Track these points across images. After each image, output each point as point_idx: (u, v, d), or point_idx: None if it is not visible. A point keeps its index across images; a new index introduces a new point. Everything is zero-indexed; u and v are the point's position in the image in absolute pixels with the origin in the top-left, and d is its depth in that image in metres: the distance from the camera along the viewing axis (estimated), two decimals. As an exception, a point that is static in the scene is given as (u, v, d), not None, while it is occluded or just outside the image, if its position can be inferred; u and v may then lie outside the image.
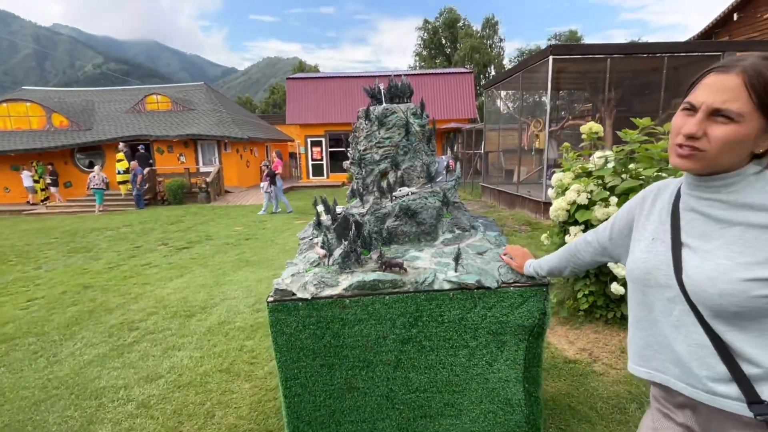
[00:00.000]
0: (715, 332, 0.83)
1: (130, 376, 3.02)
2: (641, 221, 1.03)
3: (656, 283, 0.92)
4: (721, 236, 0.84)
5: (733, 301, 0.79)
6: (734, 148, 0.81)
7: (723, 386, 0.83)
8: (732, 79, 0.79)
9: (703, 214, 0.88)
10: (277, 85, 60.69)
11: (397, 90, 2.17)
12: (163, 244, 7.77)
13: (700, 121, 0.82)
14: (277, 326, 1.53)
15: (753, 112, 0.78)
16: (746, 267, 0.79)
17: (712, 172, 0.86)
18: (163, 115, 18.12)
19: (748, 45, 7.73)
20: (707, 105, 0.81)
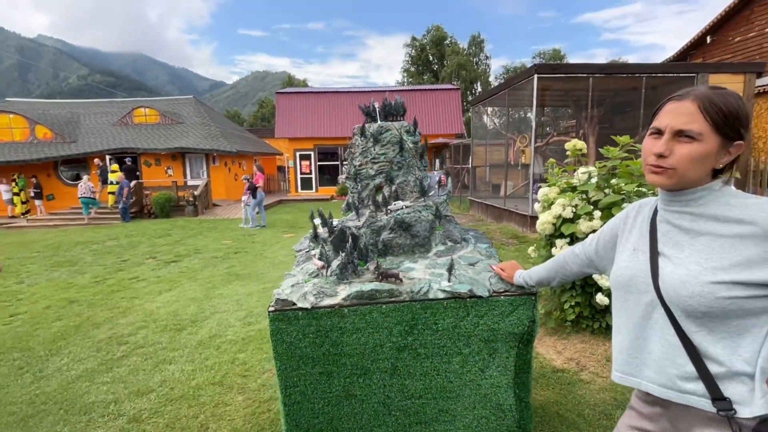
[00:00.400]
0: (686, 334, 0.92)
1: (120, 391, 2.99)
2: (625, 235, 1.13)
3: (636, 289, 1.01)
4: (691, 245, 0.94)
5: (702, 302, 0.88)
6: (698, 164, 0.91)
7: (691, 384, 0.91)
8: (688, 105, 0.92)
9: (676, 226, 0.99)
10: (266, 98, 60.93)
11: (391, 108, 2.27)
12: (150, 257, 7.69)
13: (667, 142, 0.93)
14: (277, 335, 1.58)
15: (709, 132, 0.90)
16: (713, 271, 0.88)
17: (682, 187, 0.96)
18: (151, 128, 18.04)
19: (719, 67, 8.13)
20: (671, 127, 0.93)
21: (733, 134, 0.91)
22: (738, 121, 0.90)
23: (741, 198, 0.93)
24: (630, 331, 1.03)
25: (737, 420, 0.87)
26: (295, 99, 21.15)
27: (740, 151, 0.93)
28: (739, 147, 0.93)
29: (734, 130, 0.90)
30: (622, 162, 3.12)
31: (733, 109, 0.90)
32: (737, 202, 0.92)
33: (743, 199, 0.93)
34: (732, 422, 0.87)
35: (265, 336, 3.81)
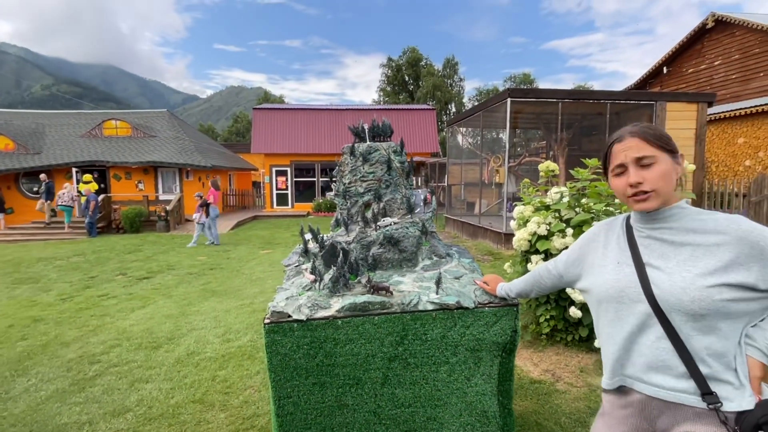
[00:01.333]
0: (680, 338, 1.02)
1: (94, 411, 2.90)
2: (600, 251, 1.24)
3: (629, 299, 1.10)
4: (677, 255, 1.07)
5: (702, 305, 0.99)
6: (667, 180, 1.07)
7: (683, 383, 1.02)
8: (631, 141, 1.09)
9: (659, 239, 1.11)
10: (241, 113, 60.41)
11: (379, 129, 2.39)
12: (121, 274, 7.44)
13: (635, 171, 1.08)
14: (272, 347, 1.62)
15: (660, 152, 1.07)
16: (703, 276, 1.01)
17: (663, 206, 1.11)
18: (122, 140, 17.58)
19: (675, 96, 8.76)
20: (632, 157, 1.08)
21: (673, 149, 1.10)
22: (669, 139, 1.10)
23: (709, 214, 1.08)
24: (623, 339, 1.11)
25: (723, 412, 0.98)
26: (273, 115, 21.16)
27: (684, 160, 1.13)
28: (682, 157, 1.12)
29: (672, 146, 1.10)
30: (591, 183, 3.34)
31: (661, 132, 1.11)
32: (707, 216, 1.07)
33: (711, 214, 1.08)
34: (719, 414, 0.98)
35: (245, 353, 3.77)
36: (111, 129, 17.96)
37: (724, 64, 15.58)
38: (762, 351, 1.02)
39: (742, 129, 14.33)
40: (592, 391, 2.85)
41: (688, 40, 16.74)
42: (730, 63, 15.35)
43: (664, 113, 8.39)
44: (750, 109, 13.78)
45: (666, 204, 1.10)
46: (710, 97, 8.68)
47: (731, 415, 0.98)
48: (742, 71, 14.93)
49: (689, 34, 16.60)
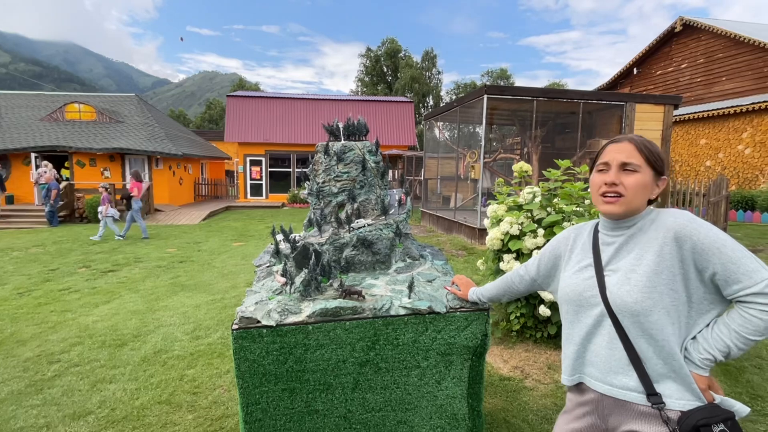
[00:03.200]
0: (630, 340, 1.09)
1: (52, 414, 2.77)
2: (567, 255, 1.30)
3: (587, 303, 1.17)
4: (627, 258, 1.13)
5: (644, 306, 1.05)
6: (641, 192, 1.12)
7: (631, 382, 1.08)
8: (626, 145, 1.14)
9: (617, 246, 1.17)
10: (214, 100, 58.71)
11: (354, 128, 2.35)
12: (84, 266, 7.13)
13: (616, 173, 1.13)
14: (240, 353, 1.58)
15: (645, 165, 1.12)
16: (646, 277, 1.06)
17: (628, 216, 1.15)
18: (86, 125, 16.76)
19: (644, 97, 9.05)
20: (618, 160, 1.13)
21: (659, 169, 1.14)
22: (661, 160, 1.14)
23: (661, 214, 1.13)
24: (581, 339, 1.19)
25: (666, 412, 1.04)
26: (247, 103, 20.62)
27: (665, 185, 1.16)
28: (665, 182, 1.16)
29: (660, 166, 1.13)
30: (563, 184, 3.41)
31: (658, 150, 1.15)
32: (659, 216, 1.13)
33: (662, 214, 1.13)
34: (662, 413, 1.04)
35: (215, 350, 3.69)
36: (74, 112, 17.08)
37: (689, 68, 16.20)
38: (697, 364, 1.06)
39: (704, 131, 15.00)
40: (559, 388, 2.94)
41: (658, 43, 17.31)
42: (695, 66, 15.98)
43: (633, 114, 8.66)
44: (712, 111, 14.43)
45: (632, 215, 1.15)
46: (676, 99, 9.01)
47: (674, 416, 1.03)
48: (706, 75, 15.58)
49: (659, 36, 17.16)
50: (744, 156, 13.66)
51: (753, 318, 1.01)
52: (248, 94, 22.31)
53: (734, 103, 13.84)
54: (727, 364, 3.22)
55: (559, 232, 3.19)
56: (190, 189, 19.97)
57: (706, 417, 1.00)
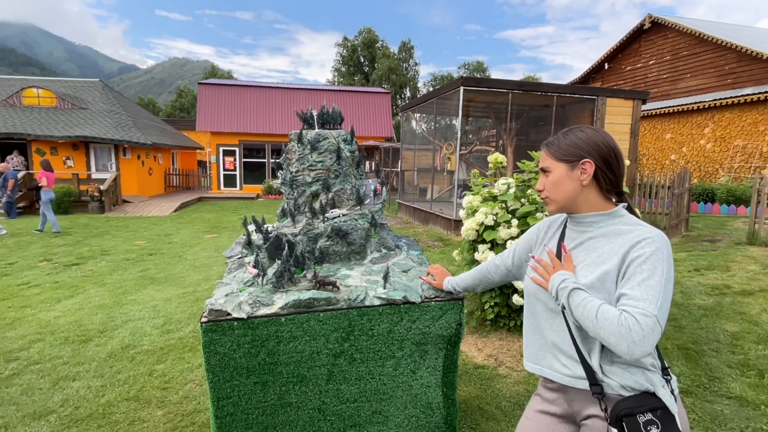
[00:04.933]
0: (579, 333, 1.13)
1: (11, 414, 2.64)
2: (538, 246, 1.34)
3: (544, 295, 1.21)
4: (586, 258, 1.16)
5: None
6: (558, 188, 1.18)
7: (581, 372, 1.12)
8: (544, 151, 1.24)
9: (578, 242, 1.20)
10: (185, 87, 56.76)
11: (329, 116, 2.30)
12: (45, 260, 6.80)
13: (541, 179, 1.25)
14: (210, 346, 1.53)
15: (555, 162, 1.18)
16: (593, 285, 1.09)
17: (568, 211, 1.22)
18: (46, 111, 15.90)
19: (614, 92, 9.30)
20: (540, 167, 1.25)
21: (573, 158, 1.15)
22: (571, 146, 1.16)
23: (633, 225, 1.12)
24: (539, 330, 1.24)
25: (605, 400, 1.08)
26: (220, 91, 20.03)
27: (591, 167, 1.14)
28: (588, 163, 1.14)
29: (571, 155, 1.16)
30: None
31: (567, 138, 1.18)
32: (628, 228, 1.12)
33: (634, 226, 1.12)
34: (601, 402, 1.08)
35: (186, 344, 3.59)
36: (32, 98, 16.16)
37: (657, 64, 16.74)
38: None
39: (669, 125, 15.59)
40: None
41: (627, 39, 17.78)
42: (662, 63, 16.52)
43: (605, 108, 8.89)
44: (677, 107, 14.99)
45: (577, 209, 1.19)
46: (644, 94, 9.29)
47: (610, 403, 1.08)
48: (672, 72, 16.14)
49: (629, 33, 17.62)
50: (705, 150, 14.28)
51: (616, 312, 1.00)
52: (221, 82, 21.67)
53: (697, 100, 14.42)
54: (687, 348, 3.37)
55: (533, 222, 3.25)
56: (160, 180, 19.31)
57: (630, 407, 1.02)
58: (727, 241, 7.33)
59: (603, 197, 1.17)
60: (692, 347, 3.39)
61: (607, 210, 1.16)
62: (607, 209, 1.16)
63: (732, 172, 13.31)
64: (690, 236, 7.93)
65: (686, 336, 3.60)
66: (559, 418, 1.21)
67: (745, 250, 6.56)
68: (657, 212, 8.63)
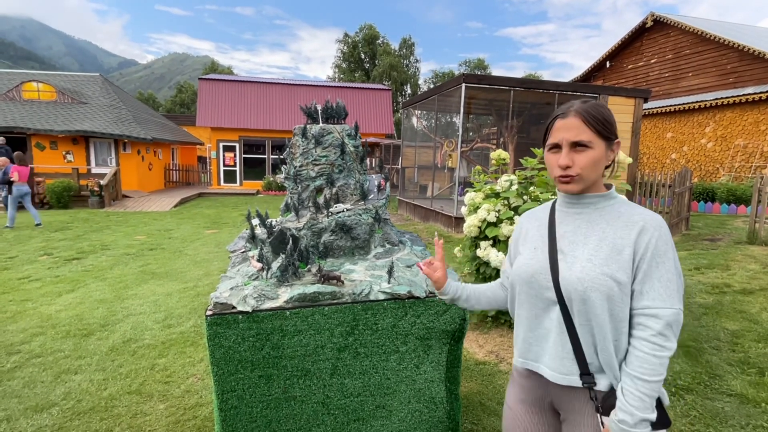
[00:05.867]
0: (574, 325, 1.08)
1: (13, 407, 2.64)
2: (522, 239, 1.27)
3: (538, 285, 1.13)
4: (585, 243, 1.10)
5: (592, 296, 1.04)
6: (595, 166, 1.08)
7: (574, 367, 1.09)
8: (573, 120, 1.08)
9: (574, 226, 1.14)
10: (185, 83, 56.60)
11: (333, 111, 2.29)
12: (45, 254, 6.79)
13: (567, 154, 1.08)
14: (215, 339, 1.53)
15: (596, 138, 1.07)
16: (600, 267, 1.05)
17: (585, 191, 1.13)
18: (45, 105, 15.84)
19: (616, 90, 9.28)
20: (567, 140, 1.08)
21: (611, 136, 1.10)
22: (611, 125, 1.10)
23: (632, 207, 1.12)
24: (531, 322, 1.17)
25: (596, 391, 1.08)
26: (220, 86, 19.98)
27: (619, 148, 1.13)
28: (618, 144, 1.13)
29: (611, 132, 1.10)
30: (539, 172, 3.46)
31: (606, 116, 1.10)
32: (627, 209, 1.11)
33: (634, 208, 1.11)
34: (591, 391, 1.08)
35: (188, 339, 3.60)
36: (32, 92, 16.10)
37: (659, 63, 16.70)
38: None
39: (670, 124, 15.57)
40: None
41: (629, 37, 17.73)
42: (664, 62, 16.48)
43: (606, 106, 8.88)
44: (678, 106, 14.97)
45: (590, 189, 1.13)
46: (646, 93, 9.28)
47: (601, 394, 1.08)
48: (674, 70, 16.11)
49: (630, 31, 17.57)
50: (706, 149, 14.27)
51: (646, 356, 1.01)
52: (222, 77, 21.60)
53: (699, 99, 14.40)
54: (687, 345, 3.38)
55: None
56: (160, 175, 19.28)
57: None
58: (728, 240, 7.34)
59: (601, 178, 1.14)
60: (693, 345, 3.40)
61: (603, 191, 1.14)
62: (604, 190, 1.14)
63: (732, 172, 13.31)
64: (690, 235, 7.94)
65: (687, 334, 3.61)
66: (539, 405, 1.21)
67: (745, 249, 6.57)
68: (657, 211, 8.64)
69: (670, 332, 1.01)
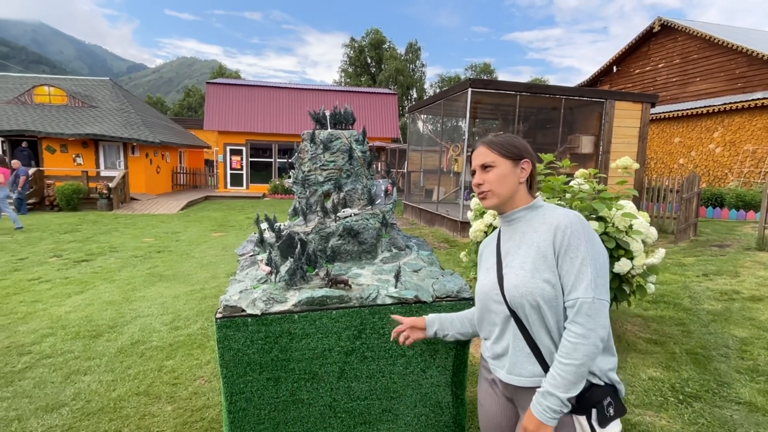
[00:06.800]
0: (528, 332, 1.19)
1: (24, 407, 2.68)
2: (478, 267, 1.43)
3: (492, 300, 1.27)
4: (518, 253, 1.23)
5: (530, 300, 1.15)
6: (502, 182, 1.26)
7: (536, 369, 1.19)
8: (481, 148, 1.31)
9: (512, 241, 1.28)
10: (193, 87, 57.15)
11: (341, 117, 2.32)
12: (55, 255, 6.88)
13: (478, 175, 1.31)
14: (224, 342, 1.55)
15: (499, 158, 1.27)
16: (531, 272, 1.16)
17: (504, 206, 1.29)
18: (56, 109, 16.09)
19: (623, 95, 9.25)
20: (477, 164, 1.31)
21: (516, 156, 1.27)
22: (514, 147, 1.28)
23: (551, 211, 1.23)
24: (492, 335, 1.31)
25: None
26: (228, 90, 20.16)
27: (531, 167, 1.29)
28: (527, 163, 1.29)
29: (514, 152, 1.27)
30: (546, 177, 3.46)
31: (509, 140, 1.29)
32: (549, 215, 1.22)
33: (552, 210, 1.24)
34: None
35: (195, 341, 3.63)
36: (43, 96, 16.37)
37: (666, 67, 16.63)
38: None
39: (678, 129, 15.47)
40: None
41: (637, 42, 17.68)
42: (671, 66, 16.41)
43: (613, 111, 8.85)
44: (686, 111, 14.88)
45: (510, 205, 1.29)
46: (653, 98, 9.24)
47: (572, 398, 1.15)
48: (681, 75, 16.03)
49: (638, 36, 17.53)
50: (715, 155, 14.16)
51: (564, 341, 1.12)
52: (229, 81, 21.81)
53: (707, 104, 14.30)
54: (696, 352, 3.36)
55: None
56: (167, 178, 19.47)
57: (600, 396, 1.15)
58: (737, 246, 7.27)
59: (527, 194, 1.30)
60: (701, 352, 3.37)
61: (527, 204, 1.29)
62: (527, 203, 1.29)
63: (741, 177, 13.19)
64: (698, 241, 7.87)
65: (695, 341, 3.58)
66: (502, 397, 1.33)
67: (754, 255, 6.51)
68: (665, 216, 8.58)
69: (585, 320, 1.09)
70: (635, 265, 3.03)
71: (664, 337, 3.65)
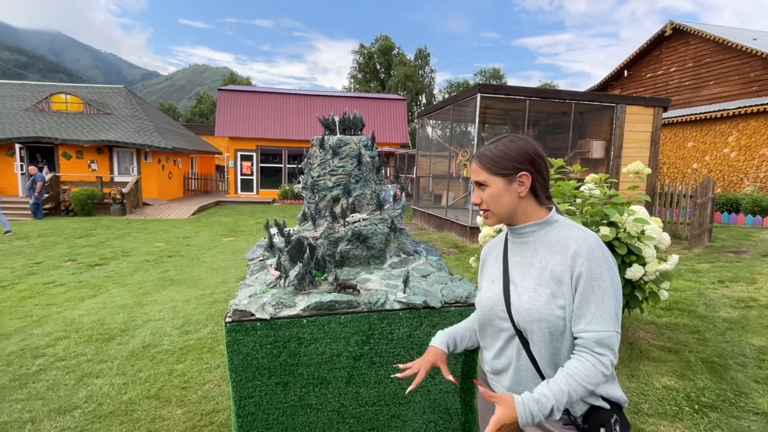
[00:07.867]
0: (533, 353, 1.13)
1: (37, 409, 2.72)
2: (481, 273, 1.36)
3: (497, 316, 1.20)
4: (530, 273, 1.16)
5: (541, 326, 1.10)
6: (497, 201, 1.17)
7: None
8: (474, 164, 1.22)
9: (521, 256, 1.20)
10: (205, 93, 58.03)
11: (350, 122, 2.33)
12: (70, 260, 7.01)
13: (476, 192, 1.23)
14: (233, 346, 1.56)
15: (489, 177, 1.17)
16: (545, 297, 1.10)
17: (508, 222, 1.21)
18: (73, 116, 16.45)
19: (634, 99, 9.16)
20: (474, 182, 1.22)
21: (509, 171, 1.15)
22: (506, 160, 1.15)
23: (567, 229, 1.15)
24: (494, 349, 1.24)
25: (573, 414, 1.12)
26: (238, 97, 20.42)
27: (528, 179, 1.15)
28: (525, 176, 1.15)
29: (504, 168, 1.15)
30: (556, 182, 3.43)
31: (497, 154, 1.17)
32: (563, 232, 1.14)
33: (568, 229, 1.14)
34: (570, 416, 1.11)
35: (205, 345, 3.65)
36: (60, 103, 16.75)
37: (678, 71, 16.44)
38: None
39: (691, 134, 15.25)
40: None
41: (648, 46, 17.52)
42: (684, 70, 16.21)
43: (624, 115, 8.76)
44: (699, 115, 14.67)
45: (517, 219, 1.19)
46: (666, 102, 9.13)
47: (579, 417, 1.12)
48: (694, 79, 15.82)
49: (649, 40, 17.37)
50: (729, 159, 13.91)
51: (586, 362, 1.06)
52: (240, 88, 22.10)
53: (721, 107, 14.08)
54: (712, 361, 3.28)
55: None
56: (179, 183, 19.74)
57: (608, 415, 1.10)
58: (753, 252, 7.12)
59: (538, 205, 1.19)
60: (717, 361, 3.30)
61: (542, 218, 1.18)
62: (542, 217, 1.18)
63: (758, 182, 12.93)
64: (714, 247, 7.72)
65: (710, 349, 3.50)
66: None
67: (771, 262, 6.36)
68: (678, 222, 8.44)
69: (608, 351, 1.05)
70: (648, 271, 2.98)
71: (678, 345, 3.58)
